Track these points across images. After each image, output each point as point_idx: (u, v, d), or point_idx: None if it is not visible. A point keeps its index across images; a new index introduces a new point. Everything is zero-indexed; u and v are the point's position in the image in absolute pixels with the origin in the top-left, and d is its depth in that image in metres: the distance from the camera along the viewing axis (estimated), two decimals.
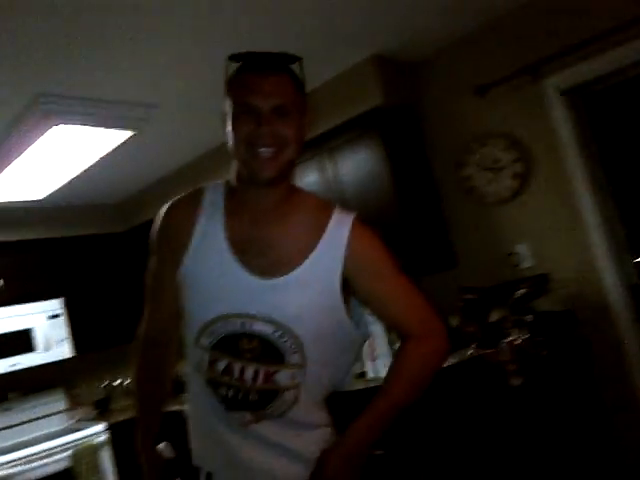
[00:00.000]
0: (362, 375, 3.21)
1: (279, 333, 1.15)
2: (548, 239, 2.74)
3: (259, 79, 1.13)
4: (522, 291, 2.56)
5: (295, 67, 1.21)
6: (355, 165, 3.05)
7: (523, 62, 2.65)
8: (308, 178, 3.27)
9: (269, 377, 1.16)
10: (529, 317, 2.51)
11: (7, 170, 3.12)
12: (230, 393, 1.18)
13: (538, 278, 2.61)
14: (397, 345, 1.29)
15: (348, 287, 1.20)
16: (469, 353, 2.57)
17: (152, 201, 4.33)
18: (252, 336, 1.15)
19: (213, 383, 1.19)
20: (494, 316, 2.67)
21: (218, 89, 2.87)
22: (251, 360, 1.16)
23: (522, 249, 2.80)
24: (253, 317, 1.15)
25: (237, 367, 1.16)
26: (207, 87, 2.87)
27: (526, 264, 2.77)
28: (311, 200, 1.26)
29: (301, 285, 1.15)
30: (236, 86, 1.16)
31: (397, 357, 1.25)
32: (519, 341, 2.42)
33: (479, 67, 2.85)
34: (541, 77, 2.65)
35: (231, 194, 1.24)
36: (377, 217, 2.96)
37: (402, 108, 3.04)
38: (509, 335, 2.47)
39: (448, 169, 3.05)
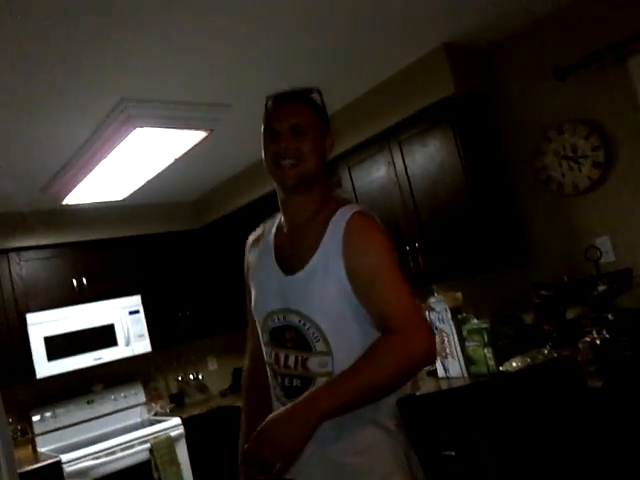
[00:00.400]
0: (432, 373, 3.14)
1: (303, 322, 1.29)
2: (631, 232, 2.56)
3: (280, 107, 1.38)
4: (602, 287, 2.41)
5: (316, 97, 1.43)
6: (425, 158, 2.99)
7: (606, 42, 2.49)
8: (377, 172, 3.25)
9: (303, 363, 1.30)
10: (610, 315, 2.36)
11: (92, 173, 3.30)
12: (281, 380, 1.35)
13: (620, 273, 2.44)
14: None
15: None
16: (545, 352, 2.44)
17: (225, 198, 4.46)
18: (290, 327, 1.32)
19: (274, 372, 1.37)
20: (571, 314, 2.53)
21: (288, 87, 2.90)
22: (291, 348, 1.32)
23: (602, 243, 2.63)
24: (289, 310, 1.32)
25: (282, 355, 1.34)
26: (277, 86, 2.92)
27: (607, 259, 2.60)
28: (334, 202, 1.38)
29: (311, 278, 1.29)
30: (265, 116, 1.41)
31: (375, 346, 1.19)
32: (599, 341, 2.28)
33: (557, 50, 2.71)
34: (627, 57, 2.48)
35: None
36: (448, 211, 2.90)
37: (474, 97, 2.95)
38: (588, 334, 2.33)
39: (523, 159, 2.93)
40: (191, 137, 3.12)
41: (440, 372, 3.02)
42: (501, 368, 2.60)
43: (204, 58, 2.46)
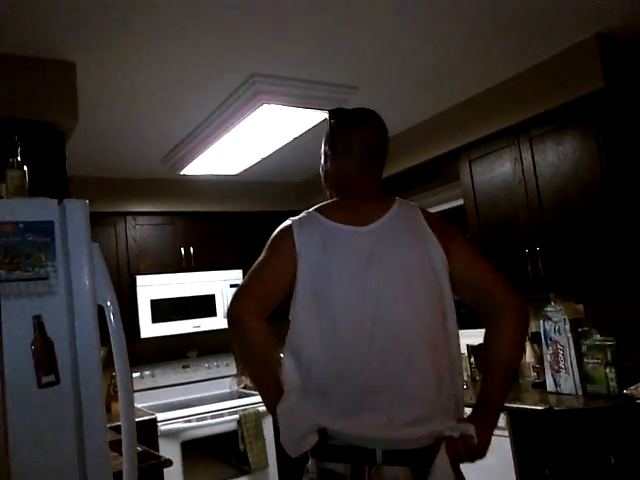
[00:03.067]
0: (540, 385, 2.97)
1: None
2: None
3: None
4: None
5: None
6: (559, 157, 2.78)
7: None
8: (500, 168, 3.09)
9: None
10: None
11: (212, 146, 3.36)
12: None
13: None
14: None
15: None
16: None
17: None
18: None
19: None
20: None
21: (410, 77, 2.77)
22: None
23: None
24: None
25: None
26: (401, 74, 2.85)
27: None
28: None
29: None
30: None
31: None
32: None
33: None
34: None
35: None
36: (579, 216, 2.70)
37: (624, 93, 2.69)
38: None
39: None
40: (313, 117, 3.10)
41: (550, 386, 2.84)
42: (625, 391, 2.40)
43: (336, 40, 2.42)
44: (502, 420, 2.71)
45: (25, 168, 1.74)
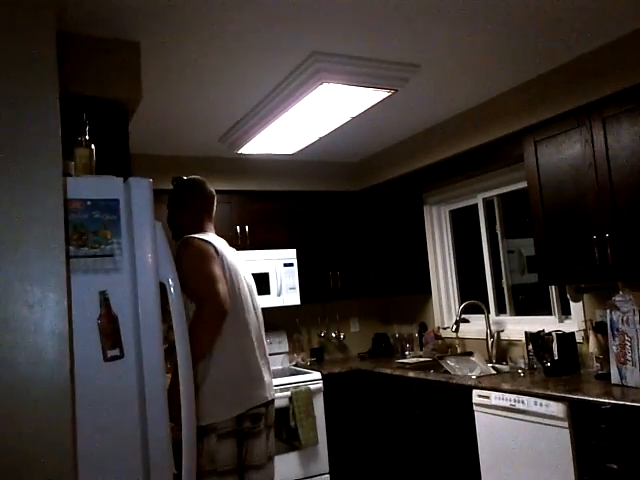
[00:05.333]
0: (603, 377, 2.86)
1: None
2: None
3: None
4: None
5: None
6: (634, 139, 2.62)
7: None
8: (569, 150, 2.95)
9: None
10: None
11: (270, 125, 3.35)
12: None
13: None
14: None
15: None
16: None
17: (389, 163, 4.37)
18: None
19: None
20: None
21: (475, 55, 2.66)
22: None
23: None
24: None
25: None
26: (466, 52, 2.74)
27: None
28: None
29: None
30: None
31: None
32: None
33: None
34: None
35: None
36: None
37: None
38: None
39: None
40: (372, 96, 3.03)
41: (614, 378, 2.73)
42: None
43: (399, 17, 2.34)
44: (561, 410, 2.63)
45: (93, 146, 1.78)
